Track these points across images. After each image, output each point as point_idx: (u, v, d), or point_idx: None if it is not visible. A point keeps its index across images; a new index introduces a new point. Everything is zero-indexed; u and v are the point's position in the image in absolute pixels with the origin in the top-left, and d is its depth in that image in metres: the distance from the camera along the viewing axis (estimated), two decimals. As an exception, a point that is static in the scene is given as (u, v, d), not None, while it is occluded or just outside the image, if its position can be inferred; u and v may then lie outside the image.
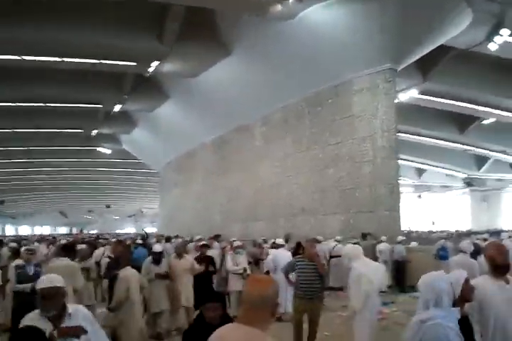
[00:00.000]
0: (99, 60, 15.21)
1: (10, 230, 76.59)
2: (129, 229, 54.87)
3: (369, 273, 5.72)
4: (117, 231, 55.27)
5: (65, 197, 59.01)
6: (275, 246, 9.67)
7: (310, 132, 14.75)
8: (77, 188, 50.12)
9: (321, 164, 14.22)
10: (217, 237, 13.24)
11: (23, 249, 7.59)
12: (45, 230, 71.88)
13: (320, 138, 14.30)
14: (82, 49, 14.29)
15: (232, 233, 18.94)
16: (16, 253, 8.75)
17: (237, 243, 9.51)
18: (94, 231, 53.74)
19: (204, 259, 7.97)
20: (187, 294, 7.24)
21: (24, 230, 77.99)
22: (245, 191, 18.63)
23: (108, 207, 55.27)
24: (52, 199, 60.68)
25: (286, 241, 12.74)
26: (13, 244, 13.35)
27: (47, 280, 2.89)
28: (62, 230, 74.67)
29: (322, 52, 12.87)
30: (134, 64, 15.68)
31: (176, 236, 17.30)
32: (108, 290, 7.94)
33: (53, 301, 2.84)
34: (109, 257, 8.68)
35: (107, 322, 6.02)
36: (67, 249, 6.27)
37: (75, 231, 70.31)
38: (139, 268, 6.68)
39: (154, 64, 15.43)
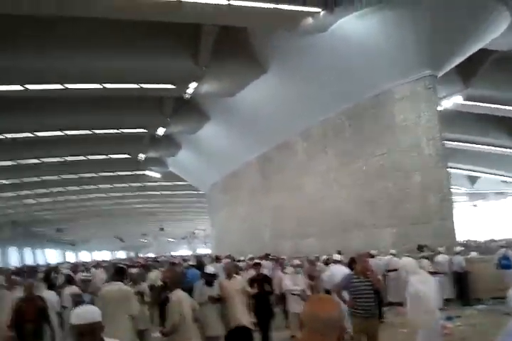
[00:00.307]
0: (139, 84, 15.47)
1: (70, 256, 79.11)
2: (183, 251, 55.25)
3: (426, 289, 5.39)
4: (172, 253, 55.77)
5: (119, 222, 60.38)
6: (329, 262, 9.34)
7: (352, 144, 14.37)
8: (130, 213, 51.26)
9: (365, 176, 13.78)
10: (267, 256, 12.99)
11: (79, 276, 7.68)
12: (104, 255, 73.45)
13: (363, 150, 13.88)
14: (122, 75, 14.66)
15: (282, 251, 18.69)
16: (69, 281, 8.90)
17: (296, 261, 9.30)
18: (150, 255, 54.46)
19: (261, 279, 7.81)
20: (240, 315, 7.06)
21: (84, 256, 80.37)
22: (291, 208, 18.33)
23: (162, 229, 56.04)
24: (108, 225, 62.16)
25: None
26: (67, 271, 13.63)
27: (82, 316, 2.62)
28: (121, 254, 76.16)
29: (358, 62, 12.57)
30: (173, 87, 15.88)
31: (228, 257, 17.15)
32: (159, 314, 7.91)
33: (90, 338, 2.62)
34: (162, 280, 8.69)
35: None
36: (119, 273, 6.24)
37: (132, 255, 71.77)
38: (191, 290, 6.58)
39: (192, 85, 15.57)
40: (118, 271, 6.31)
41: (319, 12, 11.65)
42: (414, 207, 12.15)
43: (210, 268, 7.42)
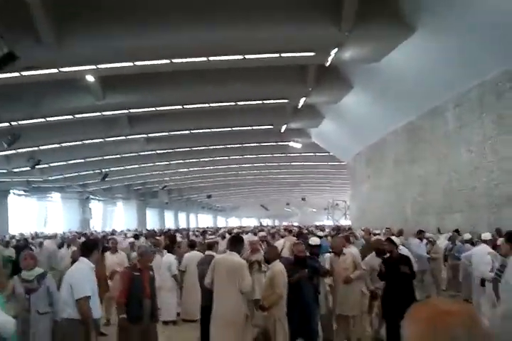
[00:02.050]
0: (278, 53, 15.25)
1: (221, 222, 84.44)
2: (326, 222, 55.46)
3: None
4: (316, 223, 56.37)
5: (264, 191, 62.58)
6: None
7: (514, 110, 12.69)
8: (274, 183, 52.63)
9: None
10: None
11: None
12: (251, 222, 76.89)
13: (527, 116, 12.21)
14: (261, 44, 14.53)
15: (425, 226, 17.62)
16: (191, 245, 9.32)
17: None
18: (295, 223, 55.62)
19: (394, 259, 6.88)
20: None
21: (233, 222, 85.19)
22: (439, 180, 17.05)
23: (303, 199, 56.74)
24: (253, 194, 64.93)
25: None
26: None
27: None
28: (267, 222, 79.12)
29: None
30: (313, 54, 15.39)
31: (364, 230, 16.64)
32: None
33: None
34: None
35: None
36: (235, 243, 5.94)
37: (277, 223, 74.20)
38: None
39: (333, 52, 14.91)
40: (234, 241, 6.05)
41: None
42: None
43: (314, 240, 7.09)
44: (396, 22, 13.95)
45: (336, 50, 14.79)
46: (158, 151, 32.67)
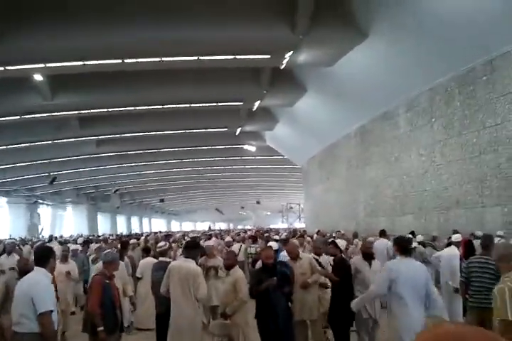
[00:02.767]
0: (233, 55, 15.18)
1: (175, 226, 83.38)
2: (280, 225, 55.79)
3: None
4: (271, 226, 56.58)
5: (219, 195, 62.33)
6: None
7: (462, 115, 13.06)
8: (228, 186, 52.52)
9: (476, 150, 12.52)
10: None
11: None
12: (206, 226, 76.37)
13: (474, 120, 12.56)
14: (215, 46, 14.39)
15: (376, 228, 17.92)
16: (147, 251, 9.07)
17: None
18: (248, 227, 55.63)
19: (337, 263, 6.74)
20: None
21: (187, 226, 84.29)
22: (390, 183, 17.39)
23: (258, 203, 56.96)
24: (207, 197, 64.60)
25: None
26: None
27: None
28: (221, 225, 78.90)
29: (473, 22, 11.16)
30: (268, 57, 15.40)
31: (317, 232, 16.81)
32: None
33: None
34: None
35: None
36: (191, 248, 5.77)
37: (231, 226, 74.01)
38: None
39: (288, 55, 14.98)
40: (190, 247, 5.85)
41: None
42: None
43: (272, 244, 7.11)
44: (349, 27, 14.17)
45: (290, 53, 14.86)
46: (109, 154, 31.93)
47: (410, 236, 12.41)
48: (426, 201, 14.99)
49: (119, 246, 11.86)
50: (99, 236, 29.17)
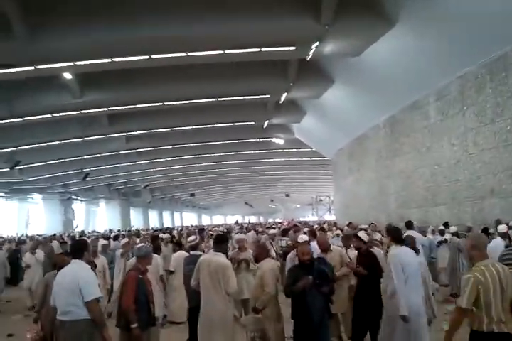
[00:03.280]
0: (259, 48, 15.10)
1: (206, 219, 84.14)
2: (311, 218, 55.64)
3: None
4: (300, 218, 56.50)
5: (248, 188, 62.52)
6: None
7: (494, 102, 12.70)
8: (257, 179, 52.54)
9: (509, 138, 12.15)
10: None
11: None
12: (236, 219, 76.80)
13: (507, 107, 12.18)
14: (240, 39, 14.36)
15: (409, 219, 17.66)
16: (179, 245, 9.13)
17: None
18: (279, 220, 55.69)
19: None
20: None
21: (217, 220, 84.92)
22: (421, 174, 17.08)
23: (287, 195, 56.80)
24: (237, 191, 64.86)
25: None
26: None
27: None
28: (252, 219, 79.17)
29: (504, 6, 10.81)
30: (293, 48, 15.25)
31: (349, 225, 16.66)
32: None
33: None
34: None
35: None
36: (220, 241, 5.78)
37: (261, 220, 74.19)
38: None
39: (314, 46, 14.80)
40: (219, 240, 5.83)
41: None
42: None
43: (302, 237, 7.03)
44: (376, 15, 13.90)
45: (316, 44, 14.67)
46: (139, 150, 32.36)
47: (443, 227, 12.21)
48: (459, 191, 14.67)
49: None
50: (129, 231, 29.60)
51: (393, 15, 13.79)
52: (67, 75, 17.11)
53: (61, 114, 21.04)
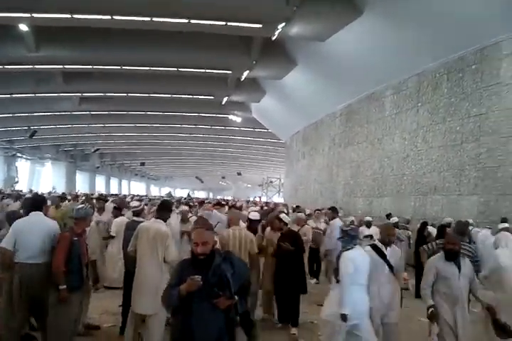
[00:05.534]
0: (225, 21, 14.80)
1: (154, 190, 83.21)
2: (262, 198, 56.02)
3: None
4: (250, 198, 56.75)
5: (200, 163, 62.06)
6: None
7: (448, 102, 13.03)
8: (211, 155, 52.20)
9: (458, 138, 12.55)
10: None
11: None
12: (185, 193, 76.51)
13: (459, 108, 12.55)
14: (208, 10, 13.98)
15: (354, 208, 18.10)
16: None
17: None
18: (230, 197, 55.72)
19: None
20: None
21: (167, 191, 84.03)
22: (371, 165, 17.44)
23: (239, 174, 56.85)
24: (189, 164, 64.27)
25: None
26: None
27: None
28: (201, 194, 78.87)
29: (466, 9, 10.96)
30: (260, 26, 15.03)
31: (297, 208, 16.85)
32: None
33: None
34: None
35: None
36: (163, 209, 5.76)
37: (211, 195, 74.11)
38: None
39: (280, 26, 14.65)
40: (162, 208, 5.78)
41: None
42: (507, 177, 10.93)
43: (254, 214, 7.11)
44: (345, 2, 13.85)
45: (283, 24, 14.52)
46: (92, 112, 31.34)
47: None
48: (404, 185, 15.10)
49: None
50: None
51: (361, 4, 13.77)
52: (23, 27, 16.25)
53: (13, 66, 20.08)
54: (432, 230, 9.49)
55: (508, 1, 10.20)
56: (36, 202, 5.46)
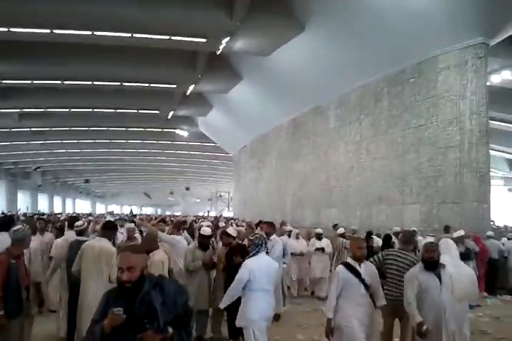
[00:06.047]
0: (169, 36, 14.74)
1: (100, 208, 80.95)
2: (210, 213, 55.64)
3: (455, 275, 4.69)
4: (199, 213, 56.21)
5: (148, 179, 61.08)
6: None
7: (389, 114, 13.48)
8: (158, 170, 51.49)
9: (400, 149, 12.97)
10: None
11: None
12: (134, 210, 74.93)
13: (400, 120, 13.00)
14: (151, 24, 13.90)
15: (302, 220, 18.26)
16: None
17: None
18: (177, 213, 54.99)
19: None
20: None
21: (113, 209, 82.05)
22: (318, 176, 17.71)
23: (187, 189, 56.28)
24: (136, 180, 63.11)
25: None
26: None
27: None
28: (149, 210, 77.37)
29: (405, 24, 11.45)
30: (204, 40, 15.08)
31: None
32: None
33: None
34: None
35: None
36: (108, 228, 5.59)
37: (159, 212, 72.87)
38: None
39: (225, 40, 14.76)
40: (108, 227, 5.61)
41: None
42: (447, 186, 11.33)
43: (206, 230, 6.91)
44: (287, 18, 14.13)
45: (227, 39, 14.65)
46: (32, 129, 30.23)
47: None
48: (350, 195, 15.40)
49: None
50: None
51: (303, 20, 14.11)
52: (-45, 38, 15.56)
53: None
54: (377, 240, 9.66)
55: (442, 18, 10.70)
56: (3, 222, 5.36)
